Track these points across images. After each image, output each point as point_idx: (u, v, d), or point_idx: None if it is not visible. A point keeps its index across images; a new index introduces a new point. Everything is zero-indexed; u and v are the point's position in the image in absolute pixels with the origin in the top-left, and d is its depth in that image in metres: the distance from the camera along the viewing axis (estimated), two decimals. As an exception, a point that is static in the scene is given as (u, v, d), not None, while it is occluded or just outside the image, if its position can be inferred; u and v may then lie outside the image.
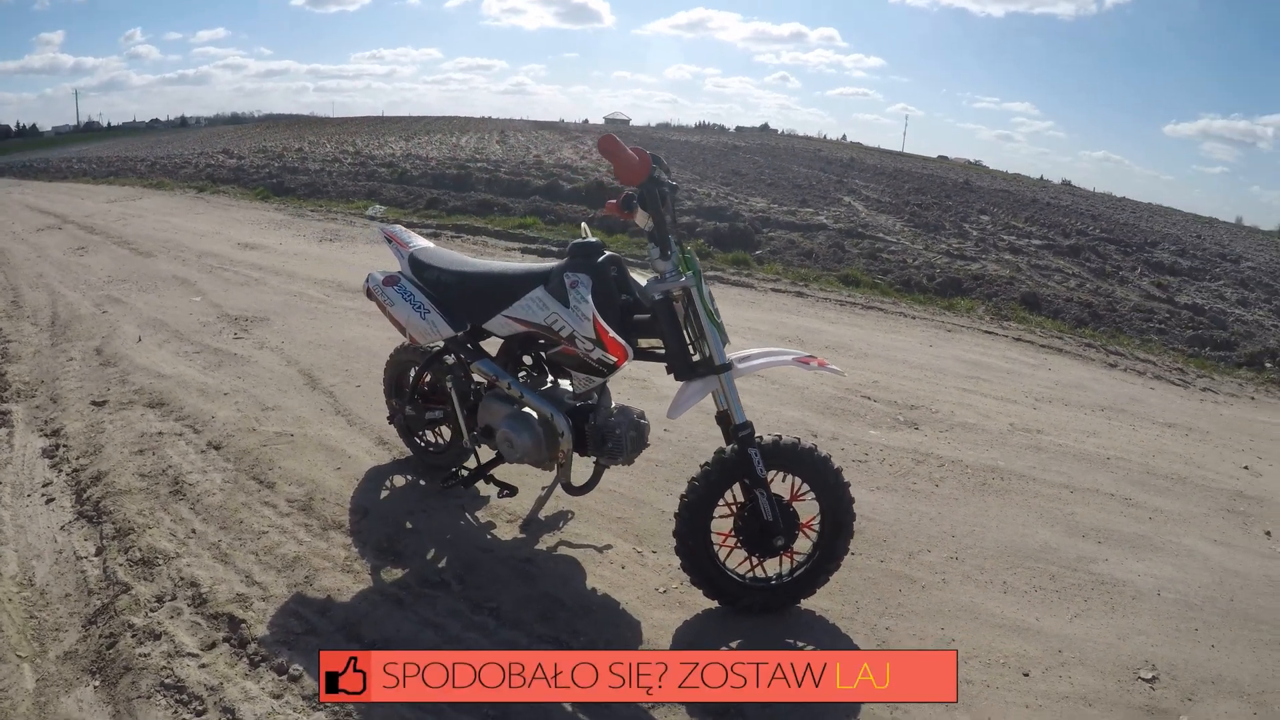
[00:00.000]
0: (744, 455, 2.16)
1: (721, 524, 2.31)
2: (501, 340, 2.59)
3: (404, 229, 2.99)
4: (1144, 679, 2.24)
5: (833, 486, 2.27)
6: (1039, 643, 2.36)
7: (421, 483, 3.04)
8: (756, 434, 2.21)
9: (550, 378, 2.63)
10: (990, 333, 6.74)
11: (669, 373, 2.26)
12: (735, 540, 2.29)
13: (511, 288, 2.43)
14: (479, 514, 2.85)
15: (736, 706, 1.96)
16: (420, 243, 2.84)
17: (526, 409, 2.50)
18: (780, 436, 2.24)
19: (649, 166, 2.09)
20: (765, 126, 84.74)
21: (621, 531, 2.78)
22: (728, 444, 2.28)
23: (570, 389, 2.51)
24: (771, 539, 2.22)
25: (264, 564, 2.46)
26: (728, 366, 2.19)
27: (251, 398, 3.76)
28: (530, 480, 2.90)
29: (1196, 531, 3.14)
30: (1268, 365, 6.16)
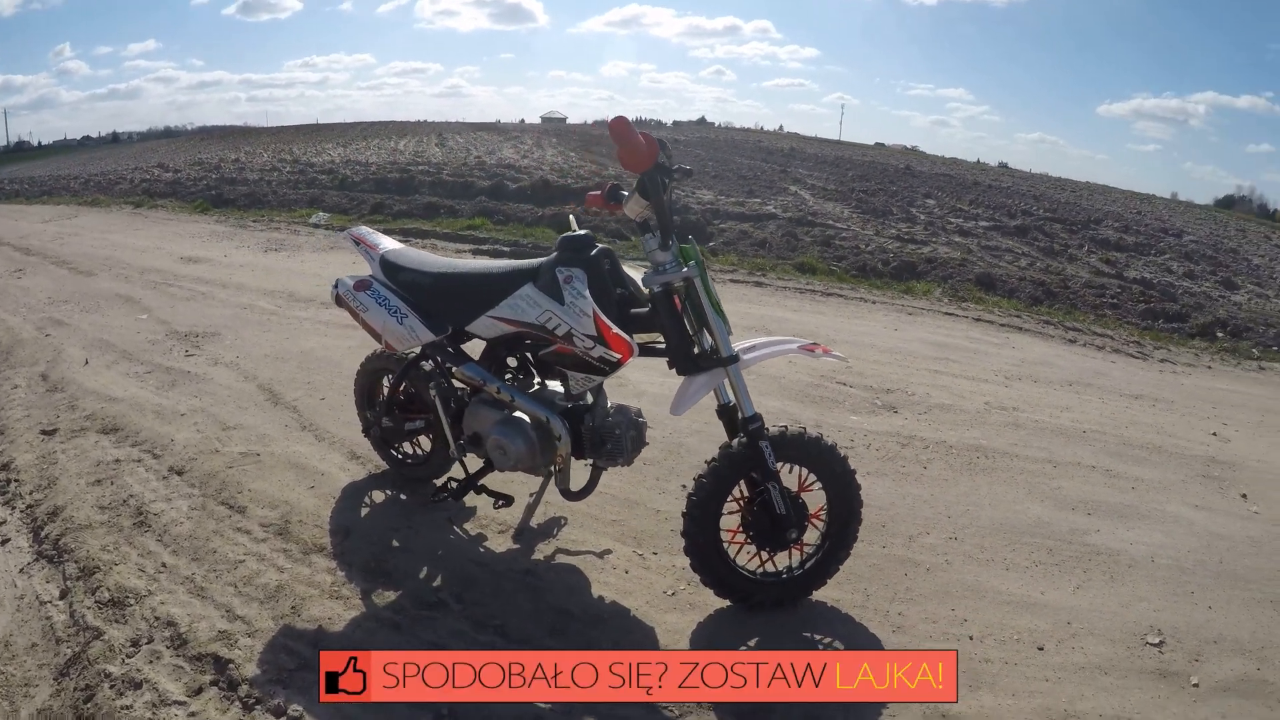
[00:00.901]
0: (755, 448, 2.11)
1: (723, 520, 2.25)
2: (484, 343, 2.48)
3: (371, 230, 2.83)
4: (1152, 644, 2.28)
5: (840, 475, 2.24)
6: (1047, 616, 2.38)
7: (403, 497, 2.90)
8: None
9: (537, 378, 2.52)
10: (950, 314, 6.88)
11: (671, 367, 2.18)
12: (746, 536, 2.24)
13: (496, 287, 2.31)
14: (468, 526, 2.73)
15: (766, 706, 1.92)
16: (390, 244, 2.69)
17: (518, 413, 2.40)
18: (786, 427, 2.20)
19: (656, 153, 2.01)
20: (702, 120, 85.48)
21: (619, 534, 2.70)
22: (731, 438, 2.23)
23: (560, 390, 2.42)
24: (785, 532, 2.17)
25: (244, 596, 2.30)
26: (735, 358, 2.12)
27: (211, 417, 3.56)
28: (519, 488, 2.81)
29: (1178, 498, 3.23)
30: (1219, 335, 6.43)
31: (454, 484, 2.58)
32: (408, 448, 3.00)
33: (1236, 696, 2.10)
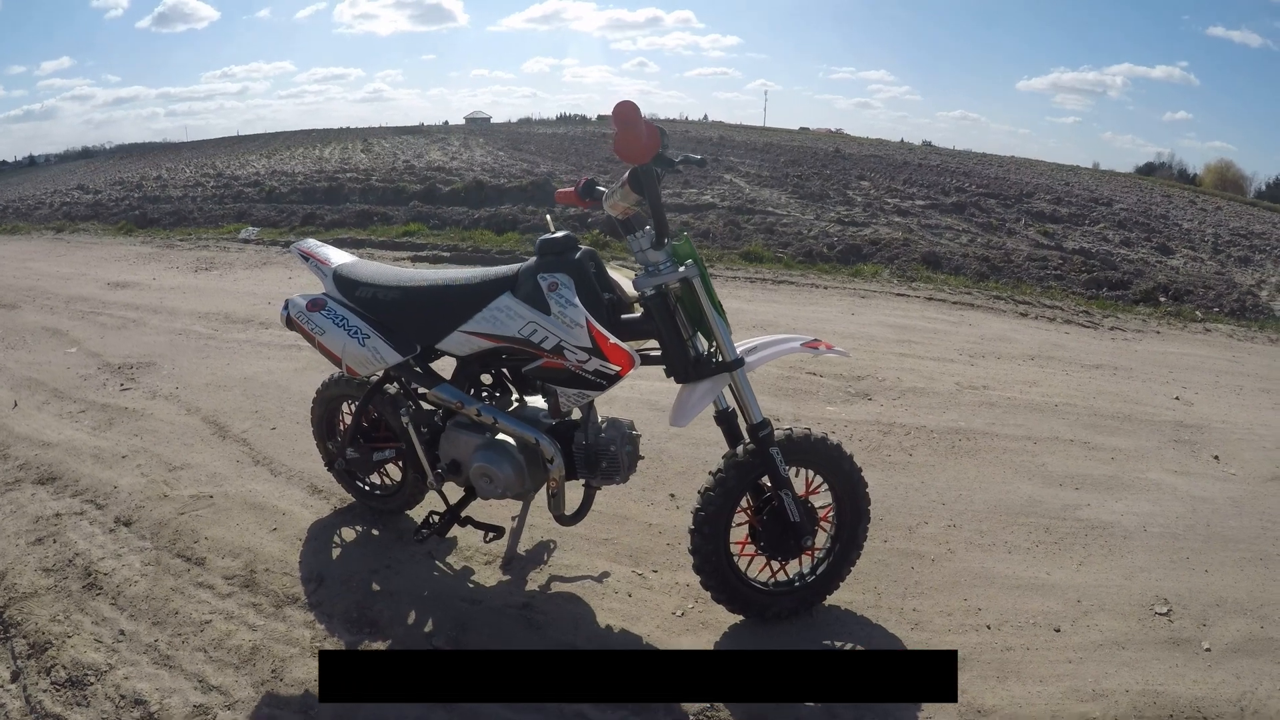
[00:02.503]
0: (766, 455, 2.06)
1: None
2: (456, 360, 2.32)
3: (320, 243, 2.65)
4: (1160, 614, 2.35)
5: (848, 474, 2.21)
6: (1057, 597, 2.42)
7: (375, 533, 2.74)
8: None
9: (514, 395, 2.40)
10: (902, 295, 7.04)
11: (668, 375, 2.10)
12: (756, 547, 2.20)
13: (469, 299, 2.17)
14: (451, 560, 2.59)
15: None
16: (343, 257, 2.53)
17: (501, 436, 2.27)
18: (791, 430, 2.16)
19: (658, 145, 1.90)
20: None
21: (613, 554, 2.62)
22: (731, 446, 2.18)
23: (543, 406, 2.30)
24: (800, 539, 2.13)
25: (217, 661, 2.12)
26: (740, 362, 2.05)
27: (155, 458, 3.32)
28: (494, 513, 2.70)
29: (1156, 465, 3.36)
30: (1162, 300, 6.77)
31: (435, 518, 2.44)
32: (375, 478, 2.85)
33: (1247, 656, 2.18)
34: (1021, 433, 3.65)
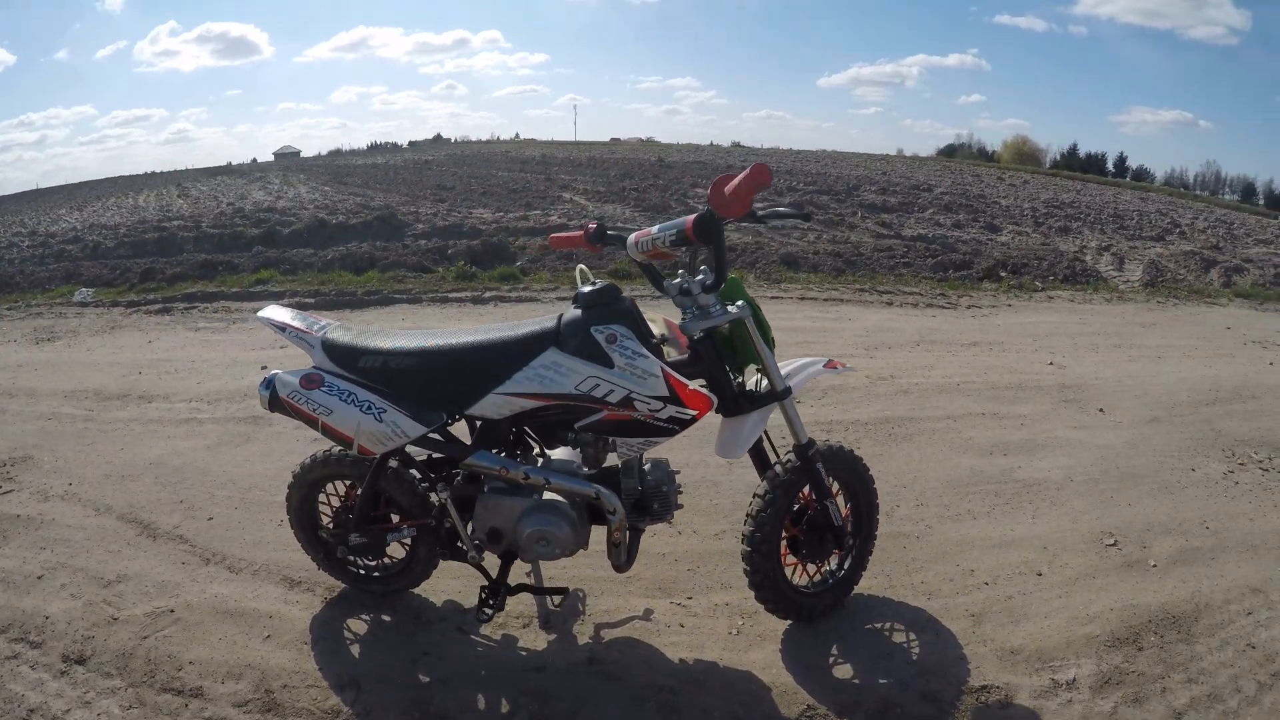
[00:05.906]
0: (813, 470, 2.39)
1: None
2: (477, 424, 2.37)
3: (286, 308, 2.54)
4: (1110, 544, 2.99)
5: (861, 475, 2.61)
6: (1028, 548, 2.99)
7: (386, 618, 2.67)
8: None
9: (536, 451, 2.46)
10: (776, 297, 7.76)
11: (717, 411, 2.32)
12: (797, 556, 2.52)
13: (504, 359, 2.21)
14: (486, 631, 2.61)
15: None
16: (326, 323, 2.46)
17: (549, 495, 2.34)
18: (816, 444, 2.51)
19: (750, 205, 2.08)
20: (438, 137, 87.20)
21: (644, 591, 2.80)
22: (761, 471, 2.47)
23: (570, 458, 2.41)
24: (842, 541, 2.50)
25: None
26: (789, 391, 2.34)
27: (80, 573, 2.96)
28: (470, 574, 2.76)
29: (1059, 424, 4.13)
30: (1003, 275, 7.99)
31: (486, 594, 2.46)
32: (369, 560, 2.80)
33: (1184, 565, 2.86)
34: (941, 413, 4.31)
